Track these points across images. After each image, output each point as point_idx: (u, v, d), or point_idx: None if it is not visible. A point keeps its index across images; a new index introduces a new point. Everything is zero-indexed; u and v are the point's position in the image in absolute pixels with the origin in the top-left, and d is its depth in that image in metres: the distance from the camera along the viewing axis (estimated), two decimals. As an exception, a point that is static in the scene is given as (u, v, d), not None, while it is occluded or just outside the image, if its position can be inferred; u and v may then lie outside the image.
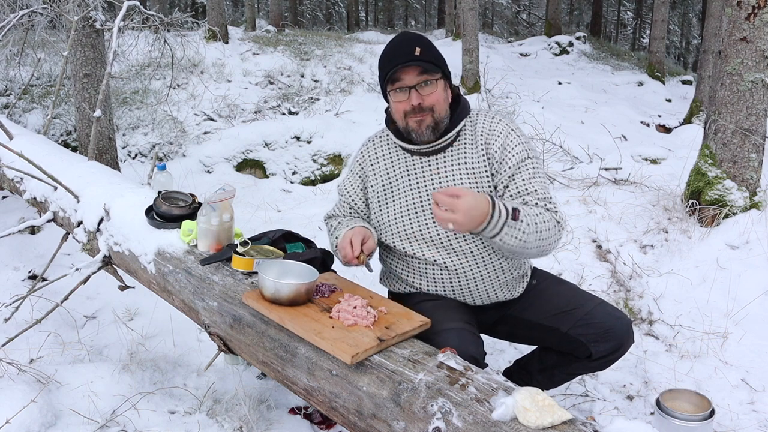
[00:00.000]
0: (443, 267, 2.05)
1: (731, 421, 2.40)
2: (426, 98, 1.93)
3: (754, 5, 3.38)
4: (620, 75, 11.14)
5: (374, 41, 11.14)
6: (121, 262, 2.67)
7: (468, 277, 2.05)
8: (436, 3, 25.50)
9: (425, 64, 1.91)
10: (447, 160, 2.03)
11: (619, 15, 28.06)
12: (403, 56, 1.91)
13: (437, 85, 1.94)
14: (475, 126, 2.04)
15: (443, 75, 1.97)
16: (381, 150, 2.14)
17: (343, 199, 2.23)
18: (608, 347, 2.07)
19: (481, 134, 2.02)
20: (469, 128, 2.04)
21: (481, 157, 2.00)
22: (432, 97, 1.93)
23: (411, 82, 1.92)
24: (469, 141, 2.03)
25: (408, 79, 1.92)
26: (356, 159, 2.21)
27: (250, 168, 6.24)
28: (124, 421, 2.24)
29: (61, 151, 3.65)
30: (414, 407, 1.54)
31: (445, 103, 1.98)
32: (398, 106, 1.97)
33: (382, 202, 2.11)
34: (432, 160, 2.04)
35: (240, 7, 24.87)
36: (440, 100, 1.95)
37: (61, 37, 6.10)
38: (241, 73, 8.31)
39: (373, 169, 2.14)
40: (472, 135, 2.03)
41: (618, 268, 3.38)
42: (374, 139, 2.18)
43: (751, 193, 3.57)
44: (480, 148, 2.01)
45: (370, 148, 2.17)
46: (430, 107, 1.94)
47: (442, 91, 1.96)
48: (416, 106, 1.93)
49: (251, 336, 2.00)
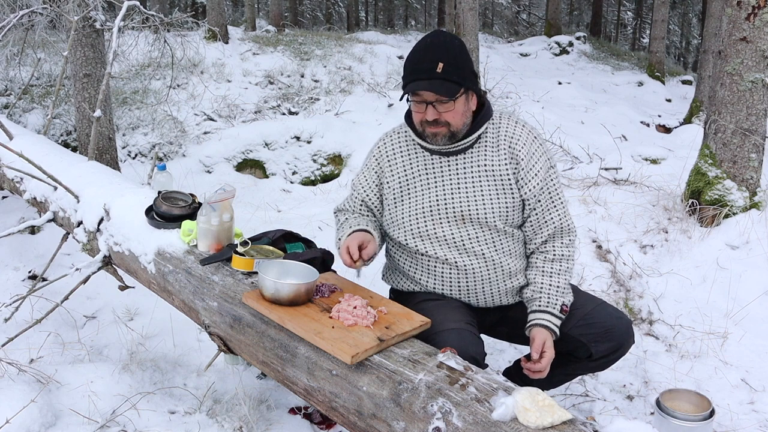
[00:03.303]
0: (453, 266, 2.05)
1: (731, 421, 2.40)
2: (443, 114, 1.91)
3: (754, 5, 3.38)
4: (620, 75, 11.14)
5: (374, 41, 11.13)
6: (121, 262, 2.67)
7: (476, 277, 2.06)
8: (436, 3, 25.48)
9: (447, 84, 1.87)
10: (467, 162, 2.02)
11: (619, 15, 28.05)
12: (425, 72, 1.87)
13: (455, 103, 1.91)
14: (498, 129, 2.03)
15: (467, 88, 1.93)
16: (399, 147, 2.11)
17: (355, 194, 2.19)
18: (608, 347, 2.07)
19: (505, 138, 2.02)
20: (491, 131, 2.03)
21: (504, 160, 2.01)
22: (449, 114, 1.91)
23: (429, 98, 1.90)
24: (491, 144, 2.02)
25: (426, 95, 1.90)
26: (372, 155, 2.16)
27: (250, 168, 6.24)
28: (124, 421, 2.24)
29: (61, 151, 3.65)
30: (414, 407, 1.54)
31: (463, 116, 1.95)
32: (416, 114, 1.97)
33: (398, 200, 2.09)
34: (452, 160, 2.03)
35: (240, 7, 24.86)
36: (458, 115, 1.93)
37: (61, 37, 6.10)
38: (241, 73, 8.30)
39: (390, 167, 2.10)
40: (495, 138, 2.03)
41: (618, 268, 3.38)
42: (392, 135, 2.14)
43: (751, 193, 3.57)
44: (504, 152, 2.01)
45: (387, 145, 2.13)
46: (446, 122, 1.93)
47: (461, 105, 1.93)
48: (431, 120, 1.92)
49: (251, 336, 2.00)
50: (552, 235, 2.08)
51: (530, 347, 2.00)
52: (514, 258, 2.08)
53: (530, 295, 2.08)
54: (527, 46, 12.93)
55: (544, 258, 2.09)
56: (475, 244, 2.02)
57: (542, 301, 2.05)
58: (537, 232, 2.08)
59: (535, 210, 2.05)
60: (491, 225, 2.01)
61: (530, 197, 2.03)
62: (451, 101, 1.90)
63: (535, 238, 2.09)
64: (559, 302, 2.04)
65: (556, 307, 2.03)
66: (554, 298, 2.04)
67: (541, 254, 2.10)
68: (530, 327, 2.04)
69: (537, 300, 2.06)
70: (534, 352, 1.97)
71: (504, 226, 2.02)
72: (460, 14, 8.70)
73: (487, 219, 2.00)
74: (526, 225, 2.08)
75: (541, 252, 2.10)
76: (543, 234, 2.07)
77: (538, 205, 2.05)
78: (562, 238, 2.10)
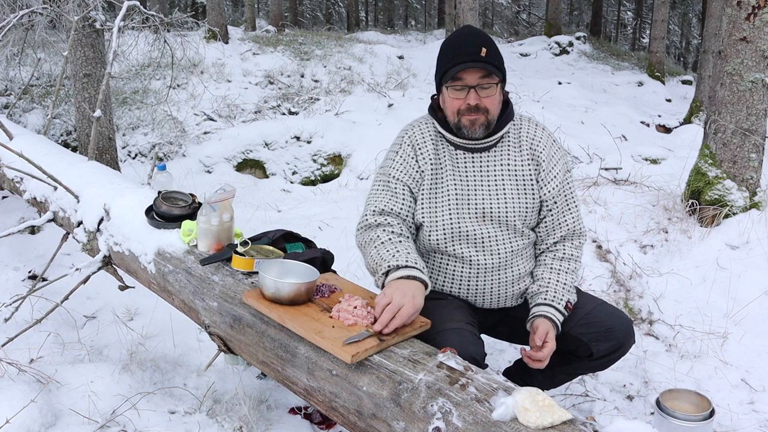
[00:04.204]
0: (467, 264, 2.05)
1: (731, 421, 2.40)
2: (484, 100, 1.92)
3: (754, 5, 3.39)
4: (620, 75, 11.15)
5: (374, 41, 11.14)
6: (121, 262, 2.67)
7: (488, 277, 2.07)
8: (436, 3, 25.49)
9: (490, 67, 1.90)
10: (491, 160, 2.03)
11: (619, 15, 28.06)
12: (469, 55, 1.88)
13: (496, 89, 1.94)
14: (519, 130, 2.06)
15: (502, 78, 1.96)
16: (427, 135, 2.06)
17: (399, 187, 2.03)
18: (609, 346, 2.08)
19: (526, 139, 2.05)
20: (513, 132, 2.06)
21: (526, 160, 2.04)
22: (489, 99, 1.93)
23: (472, 82, 1.90)
24: (513, 144, 2.05)
25: (469, 79, 1.90)
26: (404, 142, 2.07)
27: (250, 168, 6.24)
28: (124, 421, 2.24)
29: (61, 151, 3.65)
30: (414, 407, 1.54)
31: (499, 105, 1.98)
32: (454, 102, 1.95)
33: (432, 193, 2.04)
34: (476, 157, 2.03)
35: (240, 7, 24.86)
36: (496, 103, 1.96)
37: (61, 37, 6.10)
38: (241, 73, 8.30)
39: (422, 153, 2.05)
40: (517, 139, 2.05)
41: (618, 268, 3.38)
42: (419, 125, 2.09)
43: (751, 193, 3.57)
44: (526, 153, 2.04)
45: (417, 133, 2.07)
46: (486, 108, 1.93)
47: (499, 94, 1.96)
48: (472, 105, 1.91)
49: (251, 336, 2.00)
50: (564, 236, 2.12)
51: (531, 338, 1.99)
52: (525, 260, 2.11)
53: (536, 289, 2.09)
54: (527, 46, 12.94)
55: (553, 256, 2.12)
56: (493, 243, 2.03)
57: (548, 295, 2.05)
58: (550, 233, 2.11)
59: (551, 211, 2.08)
60: (510, 224, 2.03)
61: (548, 199, 2.06)
62: (495, 85, 1.92)
63: (548, 239, 2.12)
64: (564, 298, 2.05)
65: (561, 302, 2.04)
66: (560, 294, 2.05)
67: (551, 252, 2.13)
68: (533, 318, 2.03)
69: (543, 294, 2.06)
70: (537, 338, 1.95)
71: (522, 227, 2.05)
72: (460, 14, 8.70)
73: (507, 218, 2.02)
74: (540, 226, 2.11)
75: (551, 251, 2.13)
76: (556, 236, 2.11)
77: (555, 207, 2.08)
78: (573, 240, 2.13)
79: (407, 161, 2.05)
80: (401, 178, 2.04)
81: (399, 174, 2.05)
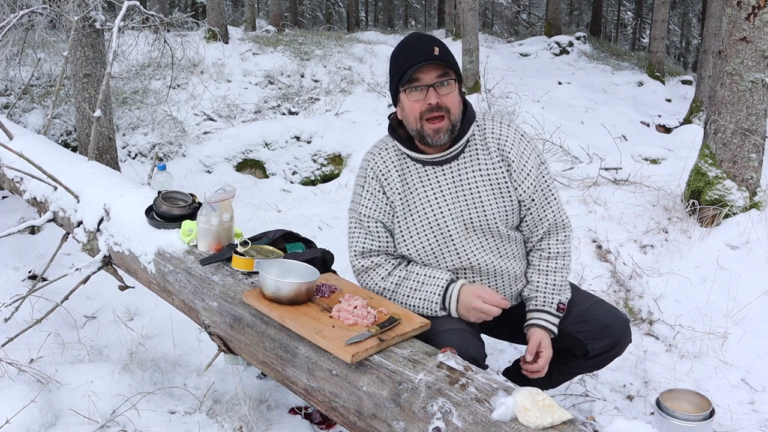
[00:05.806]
0: (464, 275, 2.05)
1: (731, 421, 2.40)
2: (443, 98, 1.89)
3: (754, 5, 3.38)
4: (620, 75, 11.14)
5: (374, 41, 11.13)
6: (121, 262, 2.67)
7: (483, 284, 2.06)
8: (436, 3, 25.48)
9: (445, 65, 1.89)
10: (462, 169, 1.99)
11: (619, 15, 28.05)
12: (422, 55, 1.87)
13: (454, 87, 1.92)
14: (484, 131, 2.02)
15: (458, 78, 1.94)
16: (389, 162, 2.02)
17: (371, 224, 2.03)
18: (605, 345, 2.07)
19: (492, 140, 2.00)
20: (478, 134, 2.01)
21: (497, 162, 1.99)
22: (449, 98, 1.90)
23: (430, 81, 1.88)
24: (480, 147, 2.00)
25: (426, 78, 1.88)
26: (368, 175, 2.04)
27: (250, 168, 6.24)
28: (124, 421, 2.24)
29: (61, 151, 3.65)
30: (414, 407, 1.54)
31: (460, 106, 1.95)
32: (414, 106, 1.90)
33: (407, 222, 2.01)
34: (446, 169, 1.99)
35: (240, 7, 24.86)
36: (456, 102, 1.93)
37: (61, 37, 6.11)
38: (241, 73, 8.30)
39: (388, 183, 2.01)
40: (483, 140, 2.01)
41: (618, 268, 3.38)
42: (379, 152, 2.05)
43: (751, 193, 3.57)
44: (494, 154, 1.99)
45: (378, 162, 2.03)
46: (447, 108, 1.90)
47: (457, 93, 1.93)
48: (434, 105, 1.88)
49: (251, 336, 2.00)
50: (548, 231, 2.09)
51: (527, 349, 2.01)
52: (518, 261, 2.09)
53: (527, 293, 2.10)
54: (527, 46, 12.92)
55: (539, 256, 2.10)
56: (481, 252, 2.01)
57: (538, 300, 2.06)
58: (533, 230, 2.09)
59: (530, 210, 2.05)
60: (494, 230, 2.00)
61: (525, 198, 2.02)
62: (452, 81, 1.90)
63: (532, 237, 2.10)
64: (555, 300, 2.04)
65: (552, 305, 2.04)
66: (550, 297, 2.05)
67: (537, 252, 2.11)
68: (527, 327, 2.05)
69: (534, 299, 2.07)
70: (528, 354, 2.00)
71: (506, 230, 2.02)
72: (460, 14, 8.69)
73: (489, 224, 1.99)
74: (522, 225, 2.09)
75: (537, 250, 2.11)
76: (539, 232, 2.08)
77: (533, 204, 2.05)
78: (557, 234, 2.11)
79: (375, 195, 2.03)
80: (372, 215, 2.03)
81: (369, 212, 2.03)
